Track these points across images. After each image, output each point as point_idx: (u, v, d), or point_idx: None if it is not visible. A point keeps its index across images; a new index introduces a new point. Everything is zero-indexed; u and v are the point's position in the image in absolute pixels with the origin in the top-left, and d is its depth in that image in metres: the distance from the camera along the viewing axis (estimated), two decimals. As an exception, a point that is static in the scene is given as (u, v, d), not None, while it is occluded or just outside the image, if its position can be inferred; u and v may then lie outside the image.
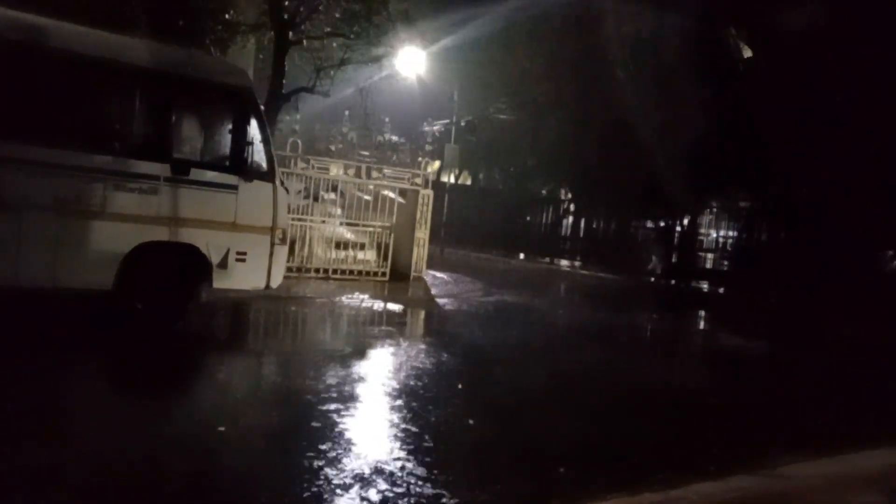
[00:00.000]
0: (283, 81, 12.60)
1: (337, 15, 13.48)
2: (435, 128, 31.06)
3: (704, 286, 19.31)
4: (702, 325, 13.66)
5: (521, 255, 24.12)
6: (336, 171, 12.23)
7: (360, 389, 5.48)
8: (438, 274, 13.78)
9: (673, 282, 19.61)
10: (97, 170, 6.17)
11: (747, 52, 18.29)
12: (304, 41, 13.45)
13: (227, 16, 12.41)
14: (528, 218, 28.85)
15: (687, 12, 17.06)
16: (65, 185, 6.03)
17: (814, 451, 4.73)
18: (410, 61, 15.92)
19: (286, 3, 12.44)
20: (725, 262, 22.10)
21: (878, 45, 13.76)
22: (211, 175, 6.72)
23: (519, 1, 19.38)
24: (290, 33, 12.64)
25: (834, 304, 13.38)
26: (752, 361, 9.05)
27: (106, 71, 6.33)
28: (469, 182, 32.18)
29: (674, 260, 21.96)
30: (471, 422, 5.02)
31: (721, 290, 18.60)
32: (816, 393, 7.14)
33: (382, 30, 13.06)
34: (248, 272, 6.99)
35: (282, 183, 7.43)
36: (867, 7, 14.34)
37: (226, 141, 6.90)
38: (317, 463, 3.75)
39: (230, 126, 6.86)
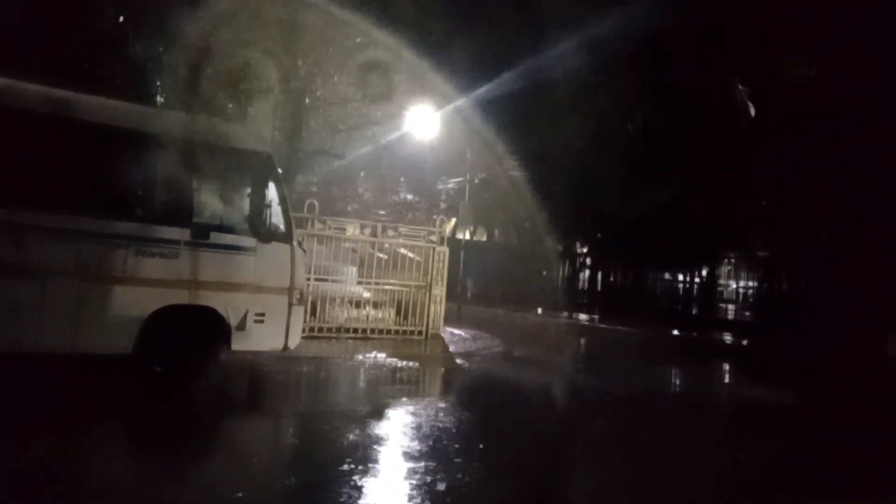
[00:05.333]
0: (300, 145, 12.90)
1: (352, 80, 13.90)
2: (449, 185, 31.48)
3: (727, 338, 18.97)
4: (731, 378, 13.34)
5: (539, 310, 23.92)
6: (352, 230, 12.35)
7: (379, 452, 5.38)
8: (456, 331, 13.67)
9: (695, 334, 19.30)
10: (119, 236, 6.29)
11: (755, 106, 18.50)
12: (320, 106, 13.84)
13: (245, 85, 12.84)
14: (545, 272, 28.75)
15: (696, 67, 17.37)
16: (88, 252, 6.13)
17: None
18: (424, 121, 16.23)
19: (302, 71, 12.87)
20: (747, 313, 21.80)
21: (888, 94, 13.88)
22: (230, 238, 6.81)
23: (528, 63, 19.86)
24: (307, 99, 13.02)
25: (861, 352, 13.07)
26: (792, 415, 8.77)
27: (129, 140, 6.52)
28: (485, 238, 32.29)
29: (694, 312, 21.70)
30: (493, 484, 4.89)
31: (745, 342, 18.26)
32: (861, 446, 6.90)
33: (396, 93, 13.42)
34: (267, 333, 6.99)
35: (299, 243, 7.51)
36: (870, 54, 14.52)
37: (244, 204, 7.02)
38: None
39: (249, 190, 7.01)
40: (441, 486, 4.58)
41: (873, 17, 13.94)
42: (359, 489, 4.36)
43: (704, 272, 22.21)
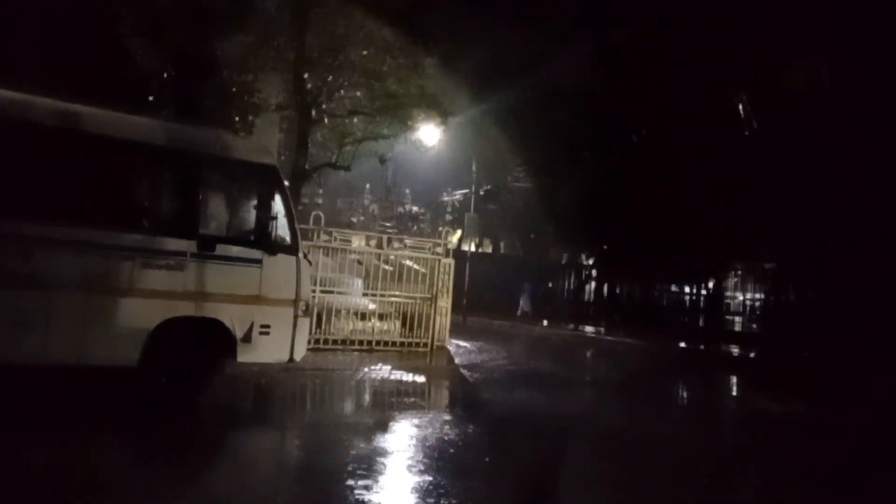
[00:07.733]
0: (307, 157, 12.94)
1: (358, 93, 13.97)
2: (455, 197, 31.57)
3: (735, 350, 18.84)
4: (739, 390, 13.25)
5: (545, 322, 23.84)
6: (358, 242, 12.36)
7: (385, 464, 5.34)
8: (462, 343, 13.63)
9: (702, 346, 19.17)
10: (126, 248, 6.30)
11: (761, 117, 18.45)
12: (326, 119, 13.89)
13: (251, 97, 12.91)
14: (551, 284, 28.67)
15: (699, 78, 17.38)
16: (94, 264, 6.14)
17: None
18: (430, 133, 16.27)
19: (308, 84, 12.94)
20: (754, 325, 21.66)
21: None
22: (236, 250, 6.81)
23: (533, 73, 19.89)
24: (313, 112, 13.07)
25: (870, 362, 12.93)
26: (802, 426, 8.67)
27: (135, 153, 6.55)
28: (490, 250, 32.28)
29: (701, 324, 21.59)
30: (499, 498, 4.85)
31: (752, 354, 18.13)
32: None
33: (402, 105, 13.47)
34: (272, 345, 6.98)
35: (305, 255, 7.52)
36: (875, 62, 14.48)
37: (251, 216, 7.02)
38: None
39: (255, 202, 7.01)
40: (447, 501, 4.54)
41: (878, 24, 13.92)
42: (364, 502, 4.33)
43: (711, 284, 22.09)
